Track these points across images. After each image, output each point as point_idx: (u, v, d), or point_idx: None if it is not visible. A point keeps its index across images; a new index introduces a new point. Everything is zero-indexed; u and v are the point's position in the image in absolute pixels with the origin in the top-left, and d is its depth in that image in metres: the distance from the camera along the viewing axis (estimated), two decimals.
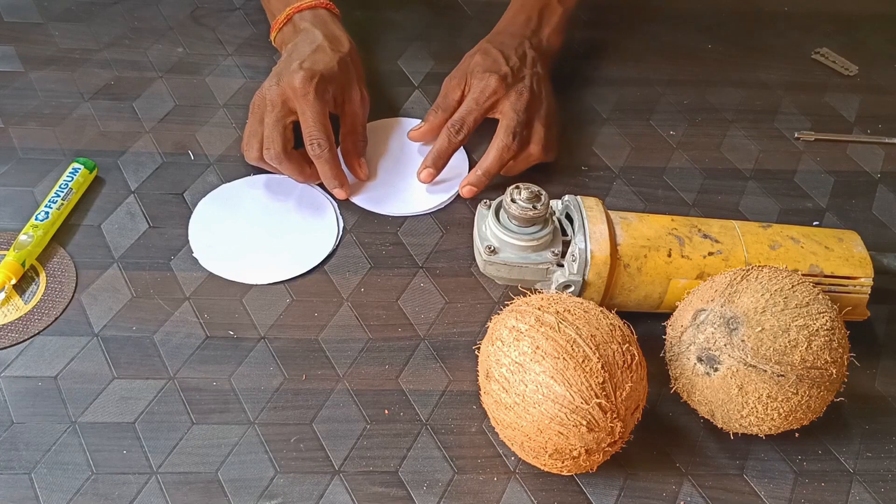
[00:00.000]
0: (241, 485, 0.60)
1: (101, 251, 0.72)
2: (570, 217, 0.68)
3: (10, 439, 0.61)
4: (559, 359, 0.55)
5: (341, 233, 0.76)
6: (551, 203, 0.68)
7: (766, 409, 0.59)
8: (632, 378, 0.56)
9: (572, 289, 0.66)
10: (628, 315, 0.64)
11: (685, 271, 0.66)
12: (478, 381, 0.62)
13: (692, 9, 1.02)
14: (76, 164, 0.75)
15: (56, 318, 0.68)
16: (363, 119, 0.80)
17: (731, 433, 0.63)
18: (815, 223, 0.80)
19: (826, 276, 0.67)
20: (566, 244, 0.67)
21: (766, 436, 0.62)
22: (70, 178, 0.74)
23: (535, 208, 0.65)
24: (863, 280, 0.68)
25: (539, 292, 0.64)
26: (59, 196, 0.73)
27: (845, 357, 0.60)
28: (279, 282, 0.71)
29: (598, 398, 0.55)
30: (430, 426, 0.64)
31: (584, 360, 0.55)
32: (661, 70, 0.94)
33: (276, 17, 0.84)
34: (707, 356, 0.59)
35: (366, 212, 0.77)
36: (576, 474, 0.62)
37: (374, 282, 0.72)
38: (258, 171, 0.79)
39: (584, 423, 0.55)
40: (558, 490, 0.62)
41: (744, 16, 1.02)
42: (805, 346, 0.58)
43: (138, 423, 0.62)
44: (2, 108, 0.82)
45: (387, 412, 0.65)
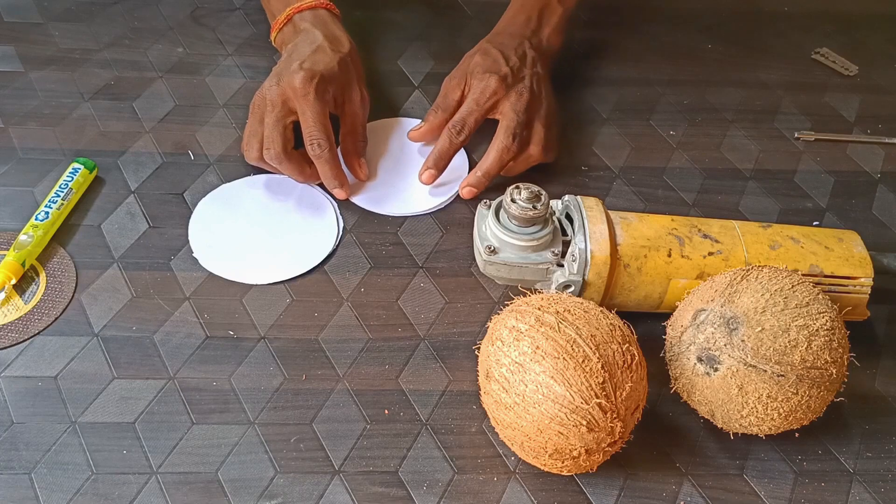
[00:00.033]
0: (241, 485, 0.60)
1: (101, 251, 0.72)
2: (570, 217, 0.68)
3: (10, 439, 0.61)
4: (559, 359, 0.55)
5: (341, 233, 0.76)
6: (551, 203, 0.68)
7: (766, 409, 0.59)
8: (632, 378, 0.56)
9: (572, 289, 0.66)
10: (628, 315, 0.64)
11: (685, 271, 0.66)
12: (478, 381, 0.62)
13: (692, 9, 1.02)
14: (76, 164, 0.75)
15: (56, 318, 0.68)
16: (363, 119, 0.80)
17: (731, 433, 0.63)
18: (815, 223, 0.80)
19: (826, 276, 0.67)
20: (566, 244, 0.67)
21: (766, 436, 0.62)
22: (70, 178, 0.74)
23: (535, 208, 0.65)
24: (863, 280, 0.68)
25: (539, 292, 0.63)
26: (59, 196, 0.73)
27: (845, 357, 0.60)
28: (279, 282, 0.71)
29: (598, 398, 0.55)
30: (430, 426, 0.64)
31: (584, 360, 0.55)
32: (661, 70, 0.94)
33: (276, 18, 0.84)
34: (707, 356, 0.59)
35: (366, 212, 0.77)
36: (576, 474, 0.62)
37: (374, 282, 0.72)
38: (258, 171, 0.79)
39: (584, 423, 0.55)
40: (558, 490, 0.62)
41: (744, 16, 1.02)
42: (805, 346, 0.58)
43: (138, 423, 0.62)
44: (2, 108, 0.82)
45: (387, 412, 0.65)
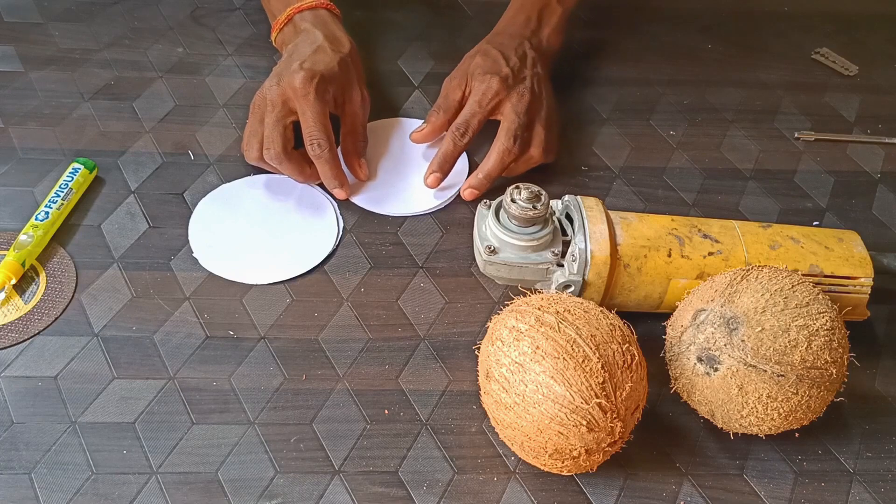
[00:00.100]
0: (241, 485, 0.60)
1: (101, 251, 0.72)
2: (570, 217, 0.68)
3: (10, 439, 0.61)
4: (559, 359, 0.55)
5: (341, 233, 0.76)
6: (551, 203, 0.68)
7: (766, 409, 0.58)
8: (632, 378, 0.56)
9: (572, 289, 0.66)
10: (628, 315, 0.64)
11: (685, 271, 0.66)
12: (478, 381, 0.62)
13: (692, 9, 1.02)
14: (76, 164, 0.75)
15: (56, 318, 0.68)
16: (363, 119, 0.80)
17: (731, 433, 0.63)
18: (815, 223, 0.80)
19: (826, 276, 0.67)
20: (566, 244, 0.67)
21: (766, 436, 0.62)
22: (70, 178, 0.74)
23: (535, 208, 0.65)
24: (863, 280, 0.68)
25: (539, 292, 0.63)
26: (59, 196, 0.73)
27: (845, 357, 0.60)
28: (279, 282, 0.71)
29: (598, 398, 0.55)
30: (430, 426, 0.64)
31: (584, 360, 0.55)
32: (661, 70, 0.94)
33: (276, 18, 0.84)
34: (707, 356, 0.59)
35: (366, 212, 0.77)
36: (576, 474, 0.62)
37: (374, 282, 0.72)
38: (258, 171, 0.79)
39: (584, 423, 0.55)
40: (558, 490, 0.62)
41: (744, 16, 1.02)
42: (805, 346, 0.58)
43: (138, 423, 0.62)
44: (2, 108, 0.82)
45: (387, 412, 0.65)
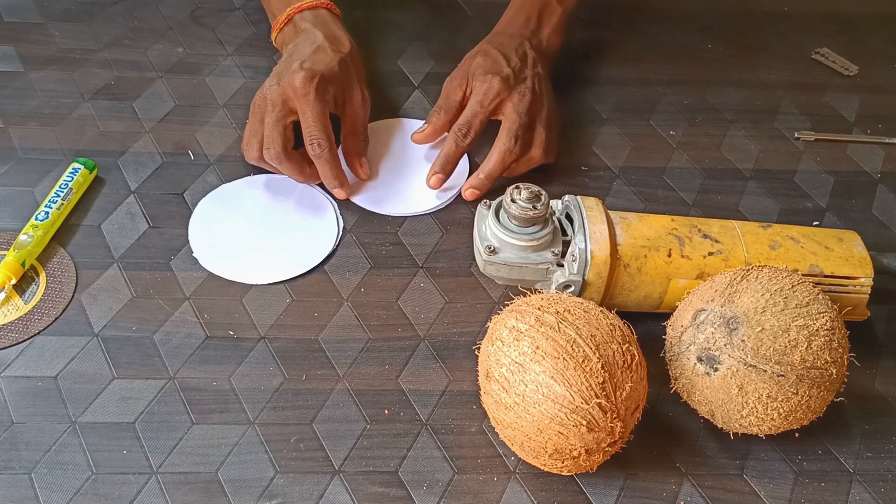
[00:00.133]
0: (241, 485, 0.60)
1: (101, 251, 0.72)
2: (570, 217, 0.68)
3: (10, 439, 0.61)
4: (559, 359, 0.55)
5: (341, 233, 0.76)
6: (551, 203, 0.68)
7: (766, 409, 0.58)
8: (632, 378, 0.56)
9: (572, 289, 0.66)
10: (628, 315, 0.64)
11: (685, 271, 0.66)
12: (478, 381, 0.62)
13: (692, 9, 1.02)
14: (76, 164, 0.75)
15: (56, 318, 0.67)
16: (364, 119, 0.80)
17: (731, 433, 0.63)
18: (815, 223, 0.80)
19: (826, 276, 0.67)
20: (566, 244, 0.67)
21: (766, 436, 0.62)
22: (70, 178, 0.74)
23: (535, 208, 0.65)
24: (863, 280, 0.68)
25: (539, 292, 0.63)
26: (59, 196, 0.73)
27: (845, 357, 0.60)
28: (279, 282, 0.71)
29: (598, 398, 0.55)
30: (430, 426, 0.64)
31: (584, 360, 0.55)
32: (661, 70, 0.94)
33: (276, 18, 0.84)
34: (707, 356, 0.59)
35: (366, 212, 0.77)
36: (576, 474, 0.62)
37: (374, 282, 0.72)
38: (258, 171, 0.79)
39: (584, 423, 0.55)
40: (558, 490, 0.62)
41: (744, 16, 1.02)
42: (805, 346, 0.58)
43: (138, 423, 0.62)
44: (2, 108, 0.82)
45: (387, 412, 0.65)
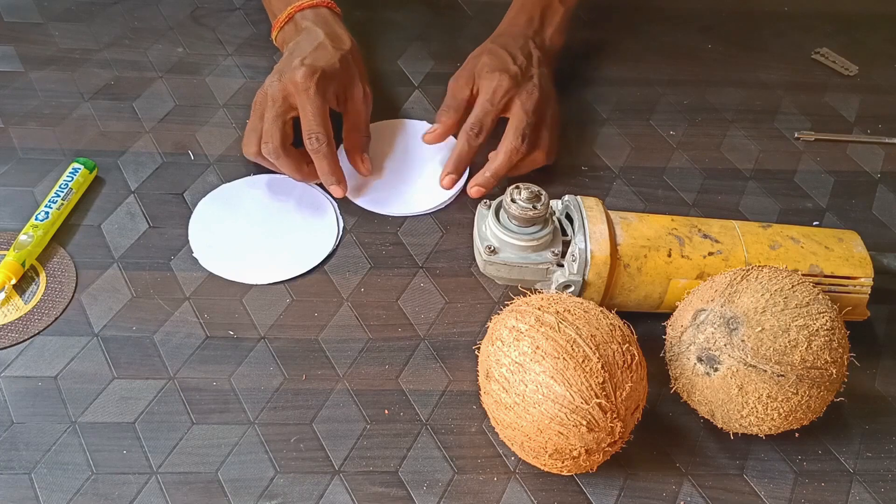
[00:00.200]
0: (241, 485, 0.60)
1: (101, 251, 0.72)
2: (570, 217, 0.68)
3: (10, 439, 0.61)
4: (559, 359, 0.55)
5: (341, 233, 0.76)
6: (551, 203, 0.68)
7: (766, 409, 0.58)
8: (632, 378, 0.56)
9: (572, 289, 0.66)
10: (628, 315, 0.64)
11: (685, 271, 0.66)
12: (478, 381, 0.62)
13: (692, 9, 1.02)
14: (76, 164, 0.75)
15: (56, 318, 0.67)
16: (366, 116, 0.80)
17: (731, 433, 0.63)
18: (815, 223, 0.80)
19: (826, 276, 0.67)
20: (566, 244, 0.67)
21: (766, 436, 0.62)
22: (70, 178, 0.74)
23: (535, 208, 0.65)
24: (863, 280, 0.68)
25: (539, 292, 0.63)
26: (59, 196, 0.73)
27: (845, 357, 0.60)
28: (279, 282, 0.71)
29: (598, 398, 0.55)
30: (430, 426, 0.64)
31: (584, 360, 0.55)
32: (661, 70, 0.94)
33: (276, 17, 0.83)
34: (707, 356, 0.59)
35: (366, 212, 0.77)
36: (576, 474, 0.62)
37: (374, 282, 0.72)
38: (258, 172, 0.79)
39: (584, 423, 0.55)
40: (558, 490, 0.62)
41: (744, 16, 1.02)
42: (805, 346, 0.58)
43: (138, 423, 0.62)
44: (2, 108, 0.82)
45: (387, 412, 0.65)
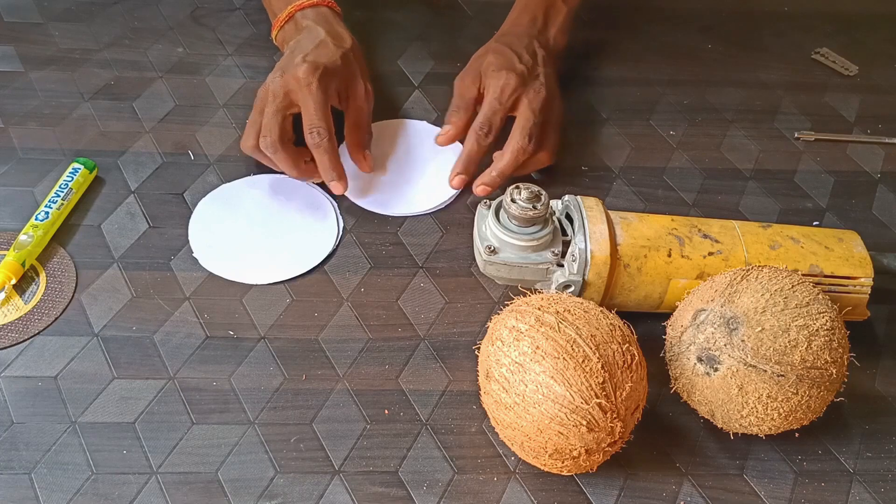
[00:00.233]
0: (241, 485, 0.60)
1: (101, 251, 0.72)
2: (570, 217, 0.68)
3: (10, 439, 0.61)
4: (559, 359, 0.55)
5: (341, 233, 0.76)
6: (551, 203, 0.68)
7: (766, 409, 0.58)
8: (632, 378, 0.56)
9: (572, 289, 0.66)
10: (628, 315, 0.64)
11: (685, 271, 0.66)
12: (478, 381, 0.62)
13: (692, 9, 1.02)
14: (76, 164, 0.75)
15: (56, 318, 0.67)
16: (368, 113, 0.80)
17: (731, 433, 0.63)
18: (815, 223, 0.80)
19: (826, 276, 0.67)
20: (566, 244, 0.67)
21: (766, 436, 0.62)
22: (70, 178, 0.74)
23: (535, 208, 0.65)
24: (863, 280, 0.68)
25: (539, 292, 0.63)
26: (59, 196, 0.73)
27: (845, 357, 0.60)
28: (279, 282, 0.71)
29: (598, 398, 0.55)
30: (430, 426, 0.64)
31: (584, 360, 0.55)
32: (661, 70, 0.94)
33: (277, 16, 0.83)
34: (707, 356, 0.59)
35: (366, 212, 0.77)
36: (576, 474, 0.62)
37: (374, 282, 0.72)
38: (258, 172, 0.79)
39: (584, 423, 0.55)
40: (558, 490, 0.62)
41: (744, 16, 1.02)
42: (805, 346, 0.58)
43: (138, 423, 0.62)
44: (2, 108, 0.82)
45: (387, 412, 0.65)
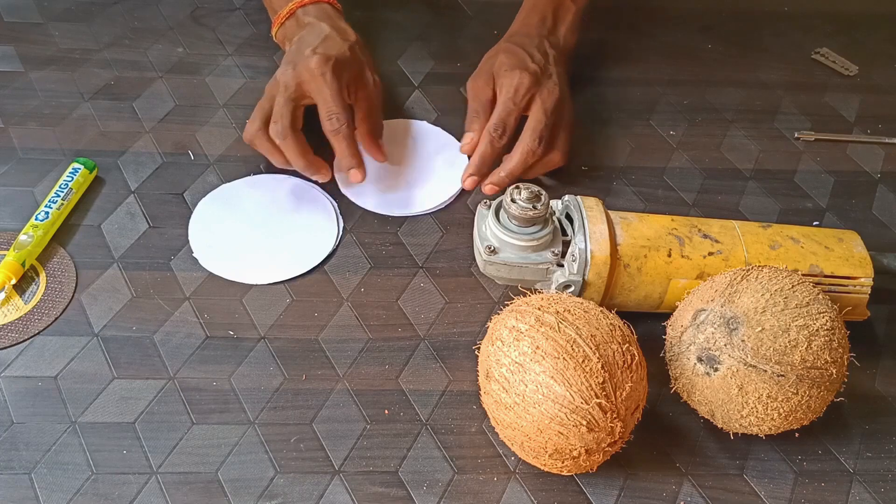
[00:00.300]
0: (241, 485, 0.60)
1: (101, 251, 0.72)
2: (570, 217, 0.68)
3: (10, 439, 0.61)
4: (559, 359, 0.55)
5: (341, 233, 0.76)
6: (551, 203, 0.68)
7: (766, 409, 0.59)
8: (632, 378, 0.56)
9: (572, 289, 0.66)
10: (628, 315, 0.64)
11: (685, 271, 0.66)
12: (478, 381, 0.62)
13: (692, 9, 1.02)
14: (76, 164, 0.75)
15: (56, 318, 0.67)
16: (378, 103, 0.80)
17: (731, 433, 0.63)
18: (815, 223, 0.80)
19: (826, 276, 0.67)
20: (566, 244, 0.67)
21: (766, 436, 0.62)
22: (70, 178, 0.74)
23: (535, 208, 0.65)
24: (863, 280, 0.68)
25: (539, 292, 0.63)
26: (59, 196, 0.73)
27: (845, 357, 0.60)
28: (279, 282, 0.71)
29: (598, 398, 0.55)
30: (430, 426, 0.64)
31: (584, 360, 0.55)
32: (661, 70, 0.94)
33: (277, 13, 0.83)
34: (707, 356, 0.59)
35: (366, 212, 0.77)
36: (576, 474, 0.62)
37: (374, 282, 0.72)
38: (258, 171, 0.79)
39: (584, 423, 0.55)
40: (558, 490, 0.62)
41: (744, 16, 1.02)
42: (805, 346, 0.58)
43: (138, 423, 0.62)
44: (2, 108, 0.82)
45: (387, 412, 0.65)
